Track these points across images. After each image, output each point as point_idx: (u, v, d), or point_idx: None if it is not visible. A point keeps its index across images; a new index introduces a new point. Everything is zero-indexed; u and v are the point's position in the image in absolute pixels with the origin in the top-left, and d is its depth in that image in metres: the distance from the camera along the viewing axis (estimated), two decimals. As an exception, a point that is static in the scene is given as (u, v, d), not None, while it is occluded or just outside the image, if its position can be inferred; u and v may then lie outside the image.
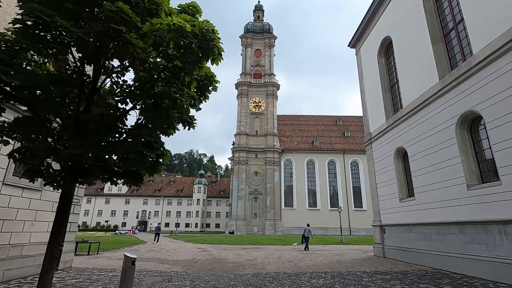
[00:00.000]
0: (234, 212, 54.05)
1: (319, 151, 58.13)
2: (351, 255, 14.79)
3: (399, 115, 12.88)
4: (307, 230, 18.77)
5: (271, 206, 53.62)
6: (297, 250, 17.98)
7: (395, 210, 12.91)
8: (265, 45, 65.78)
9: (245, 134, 58.02)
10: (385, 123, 14.12)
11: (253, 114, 60.29)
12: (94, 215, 75.33)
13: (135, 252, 15.79)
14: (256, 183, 55.62)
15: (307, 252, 16.37)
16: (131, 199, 77.11)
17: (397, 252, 12.61)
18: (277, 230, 52.31)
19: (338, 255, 14.93)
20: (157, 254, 14.85)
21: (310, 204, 55.29)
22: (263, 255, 14.59)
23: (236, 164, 56.14)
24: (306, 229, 18.86)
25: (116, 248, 17.20)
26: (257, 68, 64.56)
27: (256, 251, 17.29)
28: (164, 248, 19.06)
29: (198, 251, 17.08)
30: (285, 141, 60.42)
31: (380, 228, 14.10)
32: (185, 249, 17.96)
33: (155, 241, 24.74)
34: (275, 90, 61.97)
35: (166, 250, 16.91)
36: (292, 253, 15.61)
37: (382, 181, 14.24)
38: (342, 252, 16.53)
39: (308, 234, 18.49)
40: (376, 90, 15.23)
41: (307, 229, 18.86)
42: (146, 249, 17.89)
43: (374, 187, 14.94)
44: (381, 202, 14.24)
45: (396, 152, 13.09)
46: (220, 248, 19.25)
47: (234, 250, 17.61)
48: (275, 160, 56.20)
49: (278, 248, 19.88)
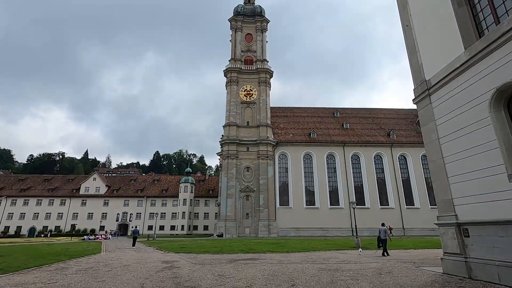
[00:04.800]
0: (223, 212, 47.91)
1: (317, 144, 52.67)
2: (403, 274, 9.11)
3: (497, 33, 7.37)
4: (382, 230, 15.63)
5: (265, 205, 47.74)
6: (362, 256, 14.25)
7: (496, 197, 7.31)
8: (256, 29, 60.05)
9: (235, 125, 52.01)
10: (464, 55, 8.54)
11: (244, 103, 54.35)
12: (69, 218, 67.81)
13: (51, 273, 9.70)
14: (248, 179, 49.65)
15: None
16: (110, 200, 69.97)
17: (501, 271, 7.03)
18: (272, 231, 46.48)
19: (384, 274, 9.24)
20: (82, 280, 8.83)
21: (307, 203, 49.72)
22: (262, 277, 8.78)
23: (225, 159, 50.05)
24: (381, 230, 15.74)
25: (29, 268, 11.02)
26: (248, 53, 58.71)
27: (250, 266, 11.46)
28: (114, 263, 12.94)
29: (161, 268, 11.10)
30: (280, 133, 54.73)
31: (457, 228, 8.49)
32: (143, 265, 11.93)
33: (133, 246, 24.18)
34: (268, 77, 56.22)
35: (109, 269, 10.85)
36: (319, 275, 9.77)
37: (458, 151, 8.65)
38: (381, 267, 10.87)
39: (384, 236, 15.36)
40: (438, 11, 9.68)
41: (382, 229, 15.72)
42: (80, 267, 11.74)
43: (439, 164, 9.34)
44: (457, 185, 8.64)
45: (495, 96, 7.52)
46: (197, 261, 13.30)
47: (217, 265, 11.72)
48: (268, 154, 50.40)
49: (279, 258, 14.08)
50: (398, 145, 53.27)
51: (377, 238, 15.88)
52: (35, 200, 67.45)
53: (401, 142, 53.68)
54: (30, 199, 67.43)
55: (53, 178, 75.85)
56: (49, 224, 66.32)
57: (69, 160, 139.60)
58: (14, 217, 66.05)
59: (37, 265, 11.78)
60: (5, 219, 65.73)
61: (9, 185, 70.59)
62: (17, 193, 68.14)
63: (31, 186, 70.60)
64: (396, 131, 55.97)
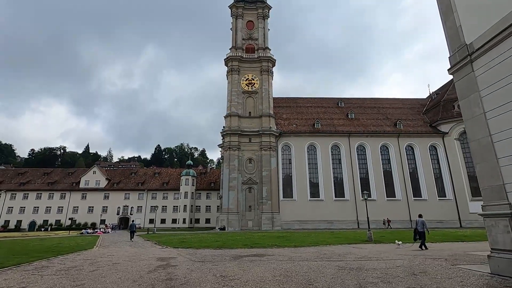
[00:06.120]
0: (225, 205, 46.60)
1: (321, 134, 50.94)
2: (443, 276, 7.61)
3: None
4: (420, 222, 14.13)
5: (268, 198, 46.38)
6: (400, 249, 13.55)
7: None
8: (258, 15, 57.70)
9: (237, 116, 50.28)
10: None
11: (246, 93, 52.49)
12: (69, 212, 66.86)
13: (26, 274, 8.28)
14: (250, 171, 48.19)
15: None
16: (111, 193, 68.91)
17: None
18: (275, 224, 45.23)
19: (418, 274, 7.74)
20: (57, 283, 7.40)
21: (312, 195, 48.29)
22: (272, 279, 7.31)
23: (227, 150, 48.51)
24: (418, 222, 14.24)
25: (4, 268, 9.61)
26: (249, 41, 56.53)
27: (256, 263, 10.02)
28: (102, 260, 11.53)
29: (155, 267, 9.67)
30: (283, 124, 53.01)
31: (511, 220, 6.94)
32: (134, 264, 10.51)
33: (131, 239, 24.52)
34: (270, 66, 54.15)
35: (95, 269, 9.42)
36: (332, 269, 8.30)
37: (510, 127, 7.05)
38: (410, 265, 9.39)
39: (422, 228, 13.91)
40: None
41: (419, 221, 14.19)
42: (63, 265, 10.32)
43: (485, 142, 7.75)
44: (510, 168, 7.07)
45: None
46: (196, 258, 11.88)
47: (219, 263, 10.29)
48: (271, 145, 48.80)
49: (288, 254, 12.65)
50: (405, 135, 51.51)
51: (414, 230, 14.48)
52: (35, 194, 66.52)
53: (408, 132, 51.90)
54: (30, 193, 66.50)
55: (53, 171, 74.80)
56: (49, 218, 65.51)
57: (70, 155, 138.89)
58: (14, 211, 65.23)
59: (15, 263, 10.39)
60: (5, 213, 64.93)
61: (8, 179, 69.61)
62: (16, 187, 67.19)
63: (31, 179, 69.59)
64: (403, 121, 54.11)
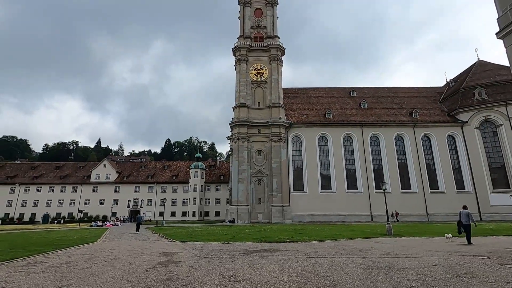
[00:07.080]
0: (234, 197, 45.81)
1: (333, 125, 49.23)
2: (495, 278, 6.33)
3: None
4: (464, 214, 12.56)
5: (278, 190, 45.29)
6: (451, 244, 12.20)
7: None
8: (266, 2, 55.74)
9: (246, 106, 49.02)
10: None
11: (255, 83, 51.06)
12: (81, 204, 67.63)
13: (14, 270, 7.44)
14: (260, 163, 47.10)
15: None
16: (121, 186, 69.21)
17: None
18: (286, 217, 44.19)
19: (464, 276, 6.48)
20: (42, 282, 6.49)
21: (323, 187, 46.93)
22: (288, 281, 6.18)
23: (236, 142, 47.46)
24: (462, 213, 12.64)
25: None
26: (257, 30, 54.81)
27: (268, 260, 8.94)
28: (101, 255, 10.67)
29: (155, 263, 8.71)
30: (293, 114, 51.47)
31: None
32: (134, 259, 9.59)
33: (137, 231, 25.08)
34: (279, 55, 52.41)
35: (89, 265, 8.52)
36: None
37: None
38: (449, 263, 8.12)
39: (467, 221, 12.40)
40: None
41: (464, 213, 12.61)
42: (58, 261, 9.49)
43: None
44: None
45: None
46: (203, 253, 10.90)
47: (227, 260, 9.27)
48: (281, 136, 47.46)
49: (303, 249, 11.52)
50: (421, 124, 49.25)
51: (457, 223, 13.02)
52: (48, 187, 67.52)
53: (425, 121, 49.59)
54: (43, 186, 67.52)
55: (65, 165, 75.72)
56: (62, 210, 66.49)
57: (83, 149, 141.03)
58: (28, 204, 66.46)
59: (8, 258, 9.64)
60: (19, 206, 66.23)
61: (22, 172, 70.83)
62: (29, 180, 68.31)
63: (43, 173, 70.61)
64: (419, 110, 51.73)
